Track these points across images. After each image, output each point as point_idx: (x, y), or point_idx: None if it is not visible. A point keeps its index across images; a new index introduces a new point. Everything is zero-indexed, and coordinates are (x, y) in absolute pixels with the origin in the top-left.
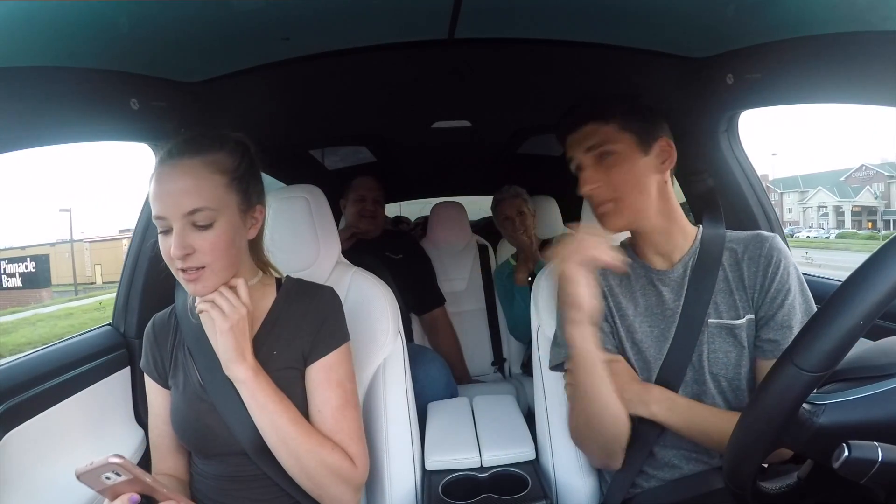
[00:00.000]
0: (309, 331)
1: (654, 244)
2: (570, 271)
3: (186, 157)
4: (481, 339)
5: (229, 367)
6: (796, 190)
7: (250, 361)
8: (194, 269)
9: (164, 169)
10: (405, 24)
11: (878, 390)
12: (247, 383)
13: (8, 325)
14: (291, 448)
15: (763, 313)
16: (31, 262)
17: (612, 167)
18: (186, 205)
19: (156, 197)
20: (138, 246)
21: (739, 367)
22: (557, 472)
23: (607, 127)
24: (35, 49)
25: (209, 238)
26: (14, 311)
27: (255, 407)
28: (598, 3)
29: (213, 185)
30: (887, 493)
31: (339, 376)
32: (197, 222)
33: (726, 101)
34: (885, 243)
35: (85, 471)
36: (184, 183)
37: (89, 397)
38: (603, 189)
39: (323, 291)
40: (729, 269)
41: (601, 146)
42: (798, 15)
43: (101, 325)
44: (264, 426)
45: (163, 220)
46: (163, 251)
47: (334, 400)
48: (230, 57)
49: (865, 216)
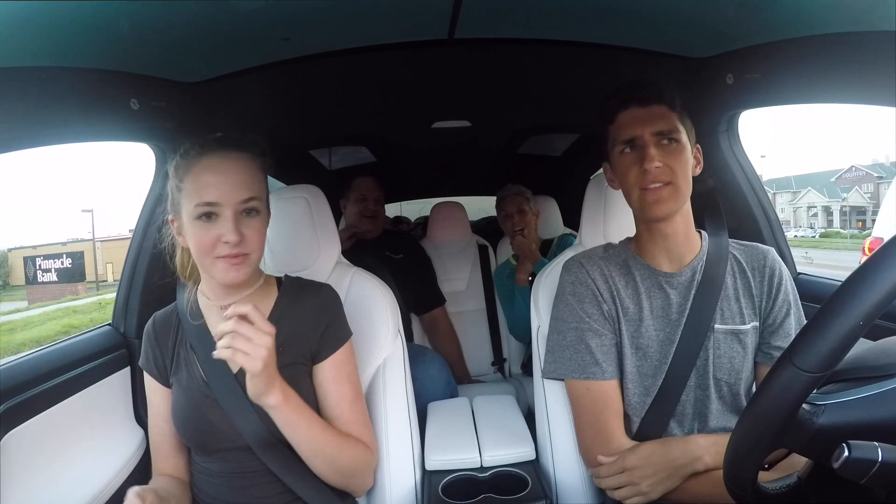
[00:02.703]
0: (314, 329)
1: (670, 246)
2: None
3: (236, 151)
4: (481, 339)
5: (260, 399)
6: (789, 190)
7: (279, 385)
8: (239, 255)
9: (215, 160)
10: (405, 24)
11: (878, 390)
12: (279, 408)
13: (59, 313)
14: (326, 455)
15: (771, 321)
16: (67, 258)
17: (673, 154)
18: (242, 193)
19: (209, 185)
20: (138, 246)
21: (741, 373)
22: (557, 472)
23: (672, 114)
24: (35, 49)
25: (255, 226)
26: (72, 298)
27: (288, 427)
28: (598, 4)
29: (259, 179)
30: (887, 493)
31: (349, 371)
32: (248, 209)
33: (726, 101)
34: (885, 243)
35: None
36: (240, 174)
37: (89, 397)
38: (665, 171)
39: (323, 289)
40: (733, 276)
41: (670, 133)
42: (798, 15)
43: (101, 325)
44: (299, 442)
45: (214, 206)
46: (202, 240)
47: (349, 394)
48: (230, 57)
49: (855, 216)
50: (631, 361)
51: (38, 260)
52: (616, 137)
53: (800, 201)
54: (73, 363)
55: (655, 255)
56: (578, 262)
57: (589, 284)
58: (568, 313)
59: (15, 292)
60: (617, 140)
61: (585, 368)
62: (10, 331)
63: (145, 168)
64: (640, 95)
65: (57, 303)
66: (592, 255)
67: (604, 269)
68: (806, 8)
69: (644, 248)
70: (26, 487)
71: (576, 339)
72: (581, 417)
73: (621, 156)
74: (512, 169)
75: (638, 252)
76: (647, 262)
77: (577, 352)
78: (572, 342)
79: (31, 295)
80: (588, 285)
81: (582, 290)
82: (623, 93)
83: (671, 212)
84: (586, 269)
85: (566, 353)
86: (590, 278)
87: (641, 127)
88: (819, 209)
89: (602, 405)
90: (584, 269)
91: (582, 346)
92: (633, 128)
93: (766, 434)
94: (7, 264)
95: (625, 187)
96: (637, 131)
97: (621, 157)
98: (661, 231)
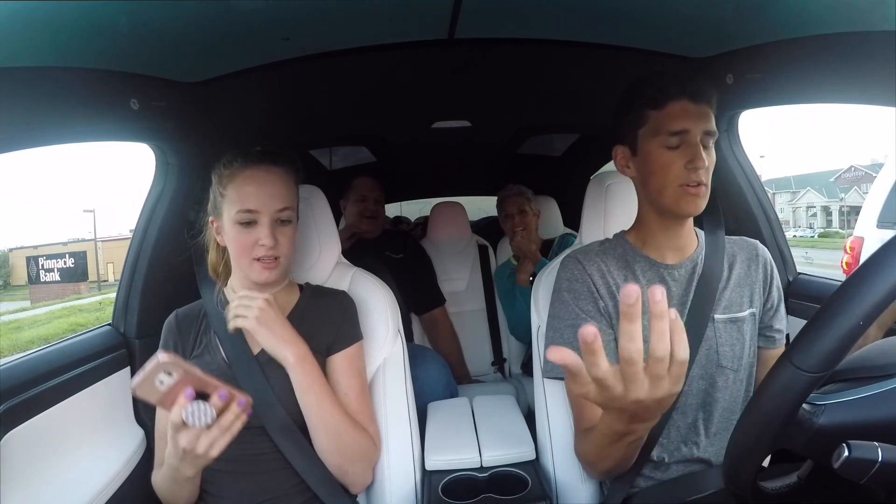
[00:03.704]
0: (331, 324)
1: (676, 238)
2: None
3: (276, 166)
4: (481, 339)
5: (276, 351)
6: (788, 190)
7: (297, 345)
8: (273, 258)
9: (257, 172)
10: (405, 24)
11: (878, 390)
12: (295, 366)
13: (64, 311)
14: (331, 427)
15: (769, 305)
16: (69, 257)
17: (711, 156)
18: (278, 203)
19: (251, 195)
20: (138, 246)
21: (742, 359)
22: (557, 472)
23: (713, 115)
24: (35, 49)
25: (288, 233)
26: (76, 297)
27: (302, 388)
28: (598, 4)
29: (293, 191)
30: (887, 493)
31: (359, 367)
32: (282, 218)
33: (726, 101)
34: (885, 243)
35: (139, 381)
36: (278, 186)
37: (89, 397)
38: (706, 173)
39: (340, 294)
40: (729, 267)
41: (713, 136)
42: (798, 15)
43: (101, 325)
44: (309, 406)
45: (253, 213)
46: (242, 243)
47: (357, 386)
48: (230, 57)
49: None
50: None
51: (41, 260)
52: (661, 126)
53: (799, 201)
54: (73, 363)
55: (661, 247)
56: (575, 259)
57: (585, 281)
58: (564, 310)
59: (16, 292)
60: (662, 129)
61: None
62: (16, 329)
63: (125, 166)
64: (695, 89)
65: (62, 302)
66: (589, 252)
67: (601, 266)
68: (806, 8)
69: (648, 241)
70: (26, 487)
71: (573, 337)
72: (576, 417)
73: (663, 147)
74: (512, 169)
75: (637, 245)
76: (647, 255)
77: (574, 349)
78: (569, 339)
79: (34, 294)
80: (584, 282)
81: (578, 286)
82: (679, 81)
83: (701, 210)
84: (583, 265)
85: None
86: (586, 274)
87: (695, 123)
88: (818, 209)
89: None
90: (581, 266)
91: (579, 343)
92: (686, 121)
93: (766, 434)
94: (8, 264)
95: (657, 180)
96: (690, 125)
97: (663, 148)
98: (674, 225)
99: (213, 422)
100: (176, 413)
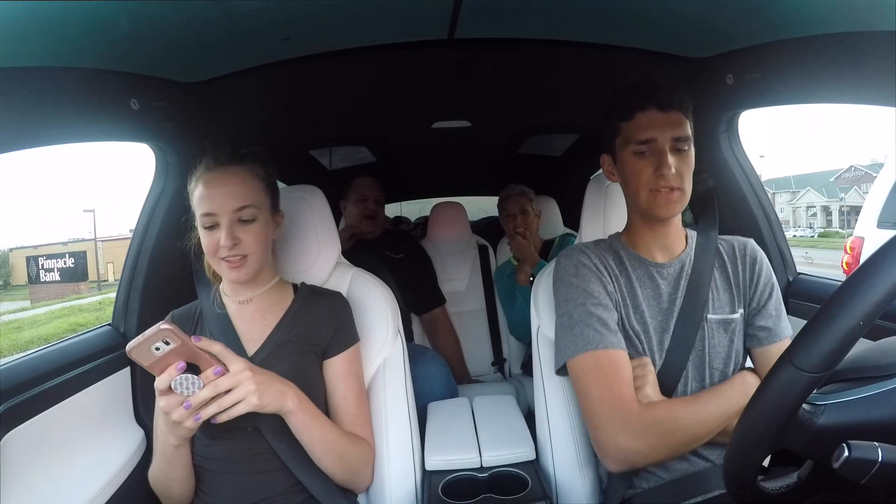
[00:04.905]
0: (327, 326)
1: (664, 237)
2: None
3: (231, 166)
4: (481, 339)
5: (279, 407)
6: (788, 190)
7: (291, 387)
8: (238, 257)
9: (212, 175)
10: (405, 23)
11: (878, 390)
12: (295, 412)
13: (64, 311)
14: (336, 453)
15: (755, 304)
16: (69, 257)
17: (684, 160)
18: (236, 203)
19: (207, 198)
20: (138, 246)
21: (730, 360)
22: (557, 472)
23: (686, 121)
24: (35, 49)
25: (252, 231)
26: (76, 297)
27: (303, 431)
28: (598, 4)
29: (255, 188)
30: (887, 493)
31: (357, 370)
32: (243, 217)
33: (726, 102)
34: (885, 243)
35: (136, 344)
36: (233, 186)
37: (89, 397)
38: (676, 177)
39: (336, 296)
40: (720, 267)
41: (685, 141)
42: (798, 15)
43: (101, 325)
44: (312, 444)
45: (213, 217)
46: (207, 245)
47: (355, 389)
48: (230, 57)
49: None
50: (629, 346)
51: (41, 259)
52: (630, 136)
53: (799, 201)
54: (73, 363)
55: (650, 246)
56: (576, 250)
57: (590, 265)
58: (572, 292)
59: (16, 292)
60: (631, 139)
61: (598, 339)
62: (16, 329)
63: (125, 166)
64: (661, 99)
65: (62, 301)
66: (587, 246)
67: (600, 256)
68: (806, 8)
69: (637, 241)
70: (26, 487)
71: (584, 314)
72: (591, 393)
73: (633, 155)
74: (512, 169)
75: (629, 244)
76: (638, 254)
77: (587, 325)
78: (581, 317)
79: (34, 294)
80: (589, 266)
81: (584, 270)
82: (644, 92)
83: (677, 213)
84: (585, 254)
85: (576, 330)
86: (589, 260)
87: (661, 131)
88: (818, 209)
89: (615, 373)
90: (584, 254)
91: (592, 318)
92: (652, 130)
93: (766, 434)
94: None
95: (632, 185)
96: (655, 134)
97: (633, 156)
98: (659, 226)
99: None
100: (163, 379)
